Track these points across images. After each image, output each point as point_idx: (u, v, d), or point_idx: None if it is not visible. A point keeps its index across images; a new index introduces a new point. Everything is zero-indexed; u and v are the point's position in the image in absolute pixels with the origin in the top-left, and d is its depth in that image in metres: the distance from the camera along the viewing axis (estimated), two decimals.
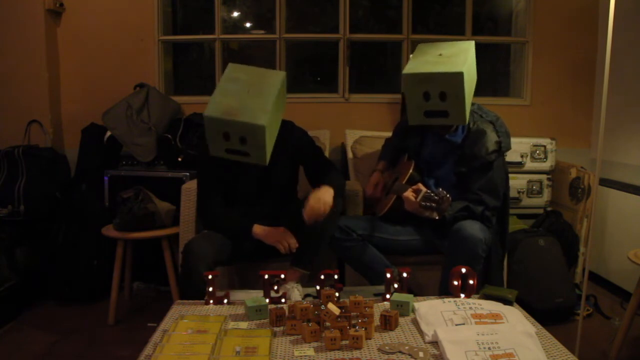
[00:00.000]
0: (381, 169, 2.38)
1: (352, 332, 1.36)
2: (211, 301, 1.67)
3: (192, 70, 3.81)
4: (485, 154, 2.04)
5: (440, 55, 2.04)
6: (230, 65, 1.98)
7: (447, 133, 2.15)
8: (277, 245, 2.04)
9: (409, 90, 2.02)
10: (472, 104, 2.23)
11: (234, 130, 1.81)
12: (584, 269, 2.39)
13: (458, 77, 1.88)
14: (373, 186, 2.32)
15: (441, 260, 2.10)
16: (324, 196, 1.95)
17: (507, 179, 2.18)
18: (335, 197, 2.00)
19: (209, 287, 1.66)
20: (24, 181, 2.89)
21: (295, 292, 1.91)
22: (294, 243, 2.04)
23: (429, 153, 2.23)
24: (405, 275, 1.67)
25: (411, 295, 1.62)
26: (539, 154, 3.08)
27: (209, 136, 1.87)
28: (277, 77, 1.95)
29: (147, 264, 2.92)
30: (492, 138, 2.07)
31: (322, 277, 1.63)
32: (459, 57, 1.99)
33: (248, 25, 3.66)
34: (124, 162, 2.98)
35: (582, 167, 2.98)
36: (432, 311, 1.51)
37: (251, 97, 1.84)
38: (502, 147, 2.07)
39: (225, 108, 1.80)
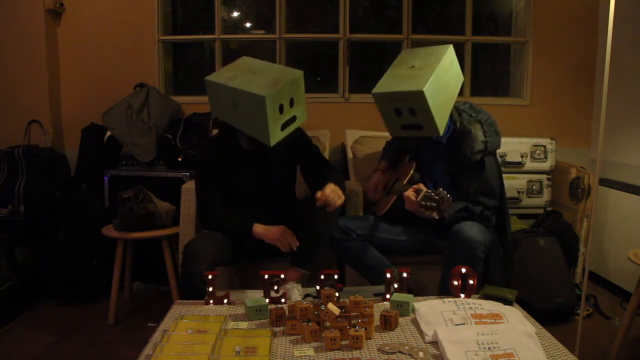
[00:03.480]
0: (382, 168, 2.38)
1: (352, 332, 1.36)
2: (211, 301, 1.67)
3: (192, 70, 3.81)
4: (471, 153, 2.04)
5: (413, 67, 2.05)
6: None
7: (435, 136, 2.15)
8: (278, 244, 2.04)
9: (381, 107, 2.07)
10: (464, 103, 2.24)
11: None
12: (584, 269, 2.39)
13: (419, 95, 1.90)
14: (374, 188, 2.33)
15: (441, 260, 2.10)
16: (340, 191, 1.98)
17: (500, 178, 2.17)
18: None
19: (209, 287, 1.66)
20: (24, 181, 2.89)
21: (295, 292, 1.92)
22: (294, 241, 2.04)
23: (424, 154, 2.24)
24: (405, 275, 1.67)
25: (411, 295, 1.62)
26: (539, 154, 3.08)
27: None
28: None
29: (147, 264, 2.92)
30: (478, 138, 2.06)
31: (322, 277, 1.63)
32: (429, 69, 1.99)
33: (248, 25, 3.66)
34: (124, 162, 2.98)
35: (582, 167, 2.98)
36: (432, 311, 1.51)
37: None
38: (489, 147, 2.07)
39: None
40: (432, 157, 2.21)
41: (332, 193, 1.94)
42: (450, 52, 2.10)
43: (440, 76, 1.98)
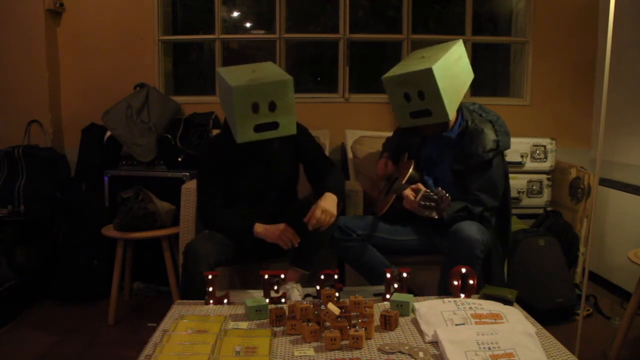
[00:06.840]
0: (387, 156, 2.38)
1: (352, 332, 1.36)
2: (211, 301, 1.67)
3: (192, 70, 3.81)
4: (482, 152, 2.05)
5: (423, 57, 2.07)
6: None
7: (444, 131, 2.15)
8: (279, 242, 2.03)
9: (391, 94, 2.08)
10: (473, 104, 2.24)
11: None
12: (584, 269, 2.39)
13: (428, 73, 1.91)
14: (383, 166, 2.32)
15: (441, 260, 2.10)
16: (331, 208, 1.95)
17: (507, 179, 2.18)
18: (337, 202, 2.00)
19: (209, 287, 1.66)
20: (24, 181, 2.89)
21: (295, 292, 1.92)
22: (295, 238, 2.03)
23: (427, 151, 2.24)
24: (405, 275, 1.67)
25: (411, 295, 1.62)
26: (539, 154, 3.08)
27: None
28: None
29: (147, 264, 2.92)
30: (490, 137, 2.07)
31: (322, 277, 1.64)
32: (437, 55, 2.02)
33: (248, 25, 3.66)
34: (124, 162, 2.98)
35: (582, 167, 2.98)
36: (432, 311, 1.51)
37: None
38: (500, 146, 2.07)
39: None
40: (438, 153, 2.20)
41: (322, 215, 1.92)
42: (459, 46, 2.13)
43: (449, 63, 2.00)
